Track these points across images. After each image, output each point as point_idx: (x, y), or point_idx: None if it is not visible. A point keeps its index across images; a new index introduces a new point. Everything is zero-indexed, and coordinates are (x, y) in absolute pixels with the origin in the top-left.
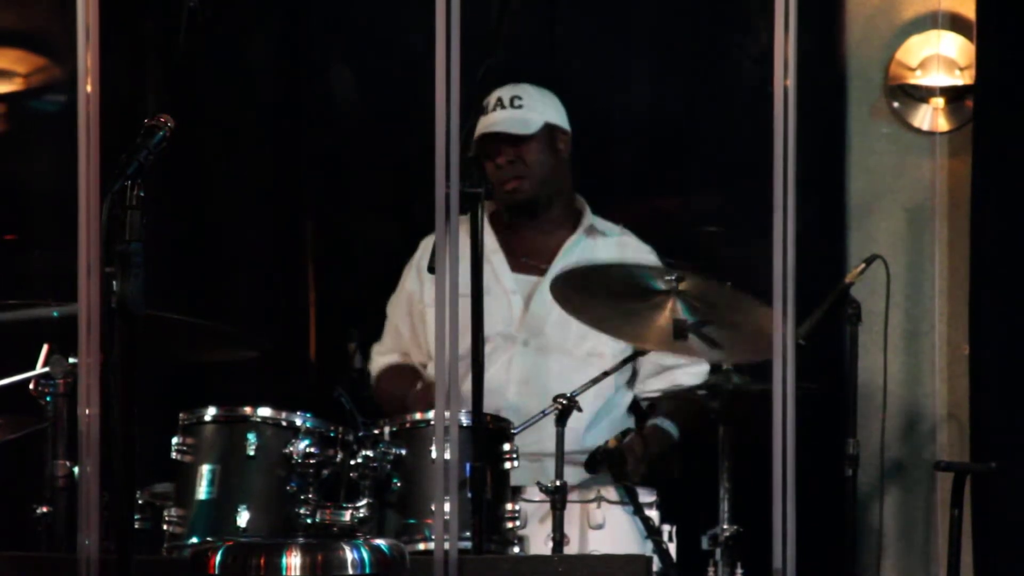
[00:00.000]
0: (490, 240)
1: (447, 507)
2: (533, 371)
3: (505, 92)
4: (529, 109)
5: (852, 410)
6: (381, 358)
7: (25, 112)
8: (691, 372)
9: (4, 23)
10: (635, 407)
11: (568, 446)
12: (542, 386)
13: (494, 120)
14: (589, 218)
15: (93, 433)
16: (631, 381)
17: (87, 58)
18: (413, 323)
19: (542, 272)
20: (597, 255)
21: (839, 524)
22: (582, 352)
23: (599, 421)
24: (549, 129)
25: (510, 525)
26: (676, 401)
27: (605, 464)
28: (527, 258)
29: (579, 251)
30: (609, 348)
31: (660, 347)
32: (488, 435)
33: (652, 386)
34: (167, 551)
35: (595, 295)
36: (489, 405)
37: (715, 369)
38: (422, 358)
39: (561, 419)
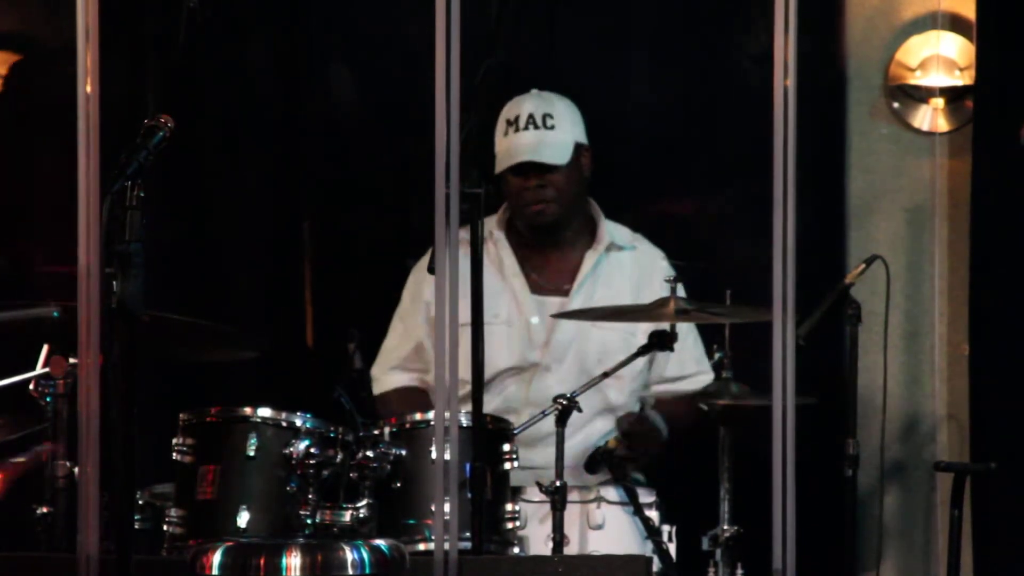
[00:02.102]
0: (510, 262)
1: (447, 507)
2: (553, 394)
3: (536, 108)
4: (560, 130)
5: (852, 410)
6: (394, 375)
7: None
8: (693, 383)
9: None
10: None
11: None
12: None
13: (528, 144)
14: (605, 231)
15: (93, 433)
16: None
17: (87, 58)
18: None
19: (564, 293)
20: (613, 275)
21: (839, 524)
22: (600, 372)
23: (612, 433)
24: (576, 148)
25: (510, 525)
26: (670, 405)
27: (605, 464)
28: (548, 279)
29: (598, 270)
30: (627, 370)
31: (667, 321)
32: (488, 435)
33: (656, 392)
34: (167, 551)
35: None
36: None
37: (715, 376)
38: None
39: (561, 419)
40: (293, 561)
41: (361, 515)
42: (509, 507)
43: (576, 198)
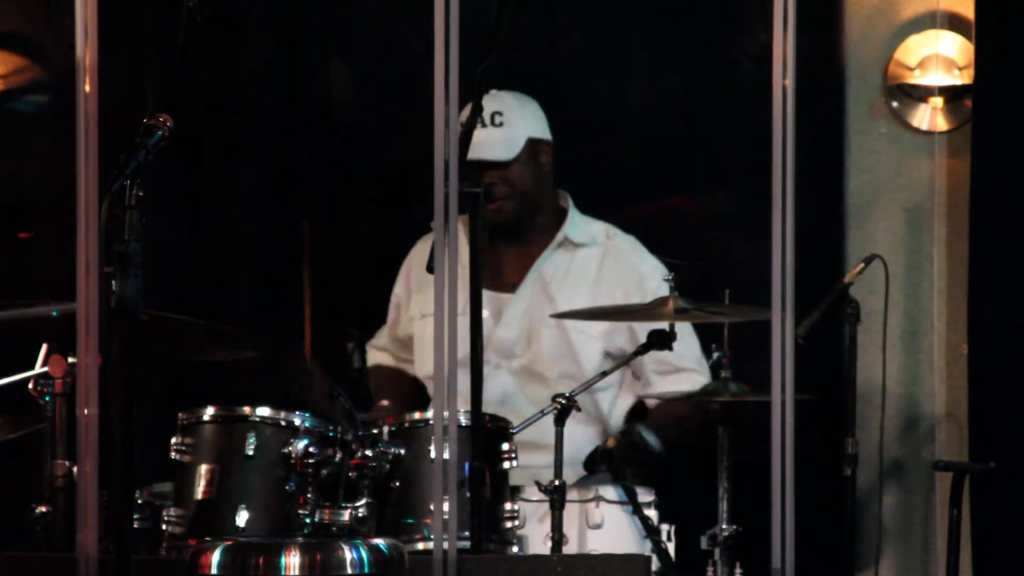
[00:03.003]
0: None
1: (446, 507)
2: (499, 393)
3: (486, 107)
4: (510, 125)
5: (851, 410)
6: (376, 353)
7: (3, 113)
8: (689, 379)
9: None
10: (636, 411)
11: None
12: (516, 408)
13: (475, 141)
14: (566, 227)
15: (92, 433)
16: (633, 383)
17: (86, 57)
18: (398, 328)
19: (511, 289)
20: (569, 271)
21: (838, 523)
22: (554, 375)
23: (596, 427)
24: (531, 144)
25: (509, 525)
26: (675, 407)
27: (604, 464)
28: (503, 275)
29: (549, 267)
30: (582, 369)
31: (665, 320)
32: (487, 435)
33: (660, 387)
34: (166, 551)
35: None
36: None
37: (713, 375)
38: (409, 363)
39: (560, 419)
40: (292, 560)
41: (360, 514)
42: (508, 506)
43: (535, 193)
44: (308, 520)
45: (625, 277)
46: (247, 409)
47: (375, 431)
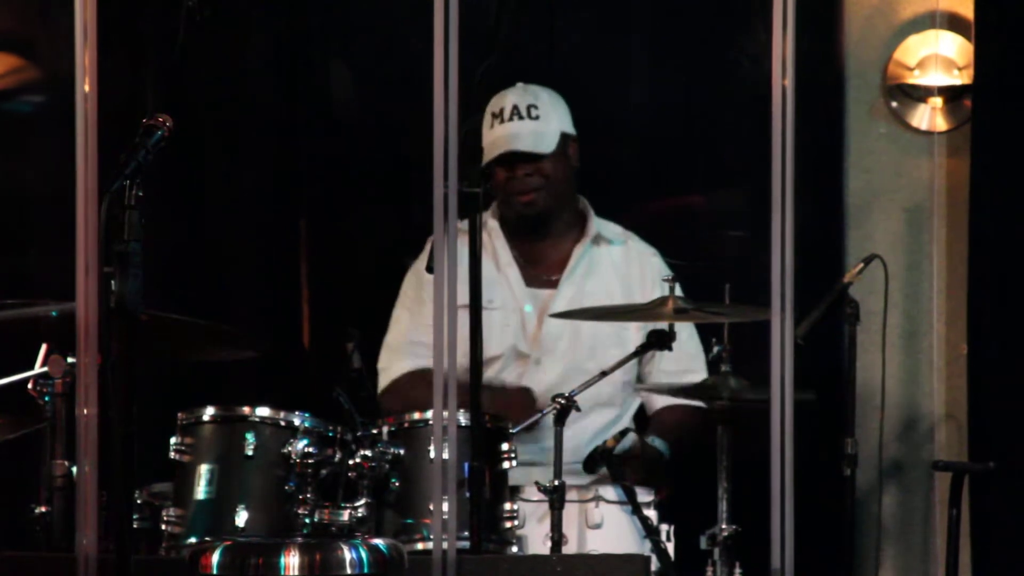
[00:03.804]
0: (504, 252)
1: (445, 507)
2: (543, 387)
3: (520, 99)
4: (545, 120)
5: (850, 410)
6: (404, 361)
7: (2, 114)
8: (688, 380)
9: None
10: (637, 419)
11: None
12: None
13: (512, 133)
14: (594, 224)
15: (91, 433)
16: (637, 383)
17: (85, 57)
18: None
19: (554, 284)
20: (602, 267)
21: (837, 523)
22: (593, 367)
23: (608, 429)
24: (563, 138)
25: (508, 525)
26: (674, 413)
27: (603, 464)
28: (539, 271)
29: (586, 261)
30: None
31: (665, 320)
32: (486, 435)
33: (652, 384)
34: (165, 551)
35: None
36: None
37: (713, 369)
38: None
39: (559, 419)
40: (291, 560)
41: (359, 514)
42: (507, 506)
43: (565, 188)
44: (308, 520)
45: (650, 274)
46: (247, 409)
47: (374, 431)
